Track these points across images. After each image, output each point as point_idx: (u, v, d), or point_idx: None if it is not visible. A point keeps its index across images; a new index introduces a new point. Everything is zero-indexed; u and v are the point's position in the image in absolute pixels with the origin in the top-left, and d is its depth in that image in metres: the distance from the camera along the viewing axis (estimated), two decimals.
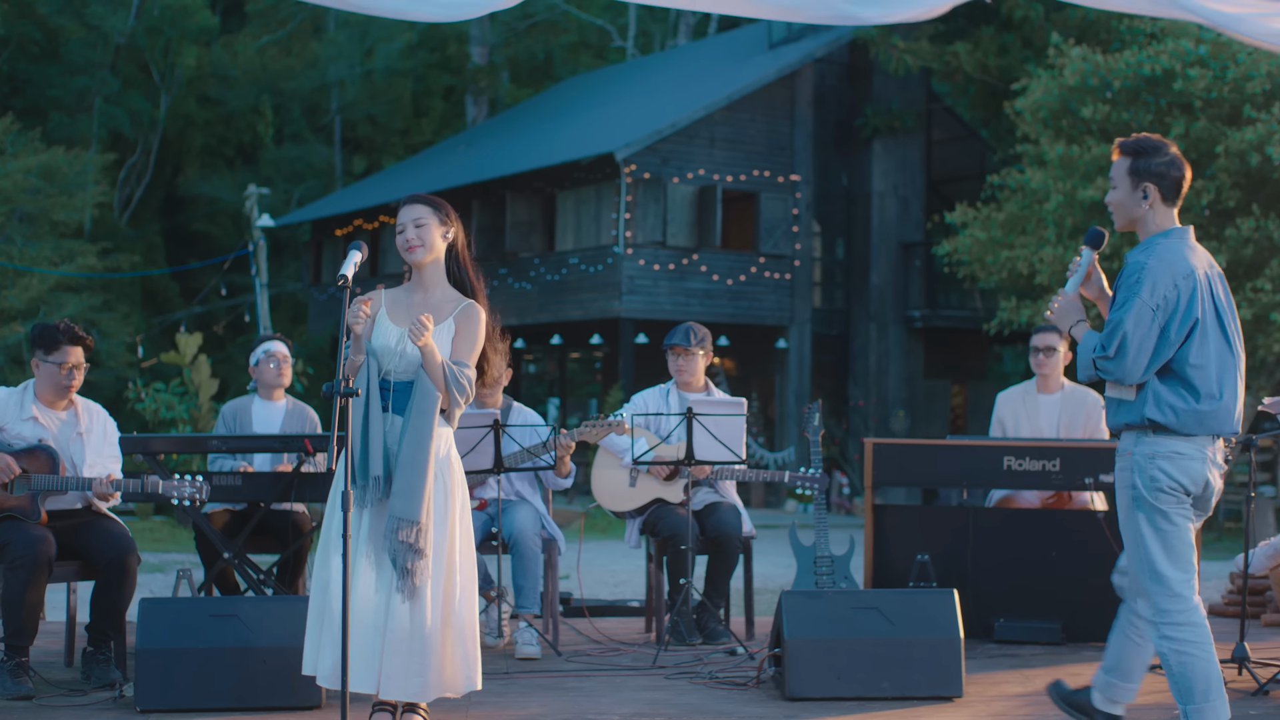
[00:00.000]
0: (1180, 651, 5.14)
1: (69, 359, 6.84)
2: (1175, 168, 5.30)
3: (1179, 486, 5.15)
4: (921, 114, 29.04)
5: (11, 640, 6.51)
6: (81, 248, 32.26)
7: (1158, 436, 5.16)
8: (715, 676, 6.98)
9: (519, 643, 7.50)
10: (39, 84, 40.77)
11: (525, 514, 7.77)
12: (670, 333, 8.33)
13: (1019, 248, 20.39)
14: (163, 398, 21.36)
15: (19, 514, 6.68)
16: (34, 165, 31.88)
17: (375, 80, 45.15)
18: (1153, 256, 5.16)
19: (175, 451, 8.10)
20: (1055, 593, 8.13)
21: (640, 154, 26.30)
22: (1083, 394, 8.71)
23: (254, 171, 44.18)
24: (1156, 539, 5.18)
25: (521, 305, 28.84)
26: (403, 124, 46.52)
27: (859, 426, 28.12)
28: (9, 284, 29.92)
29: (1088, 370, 5.19)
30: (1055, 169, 19.72)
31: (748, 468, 8.06)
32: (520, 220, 28.77)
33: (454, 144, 37.65)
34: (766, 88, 27.80)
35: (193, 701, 6.14)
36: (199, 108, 44.33)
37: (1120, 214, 5.32)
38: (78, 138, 39.06)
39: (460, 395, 5.55)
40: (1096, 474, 7.97)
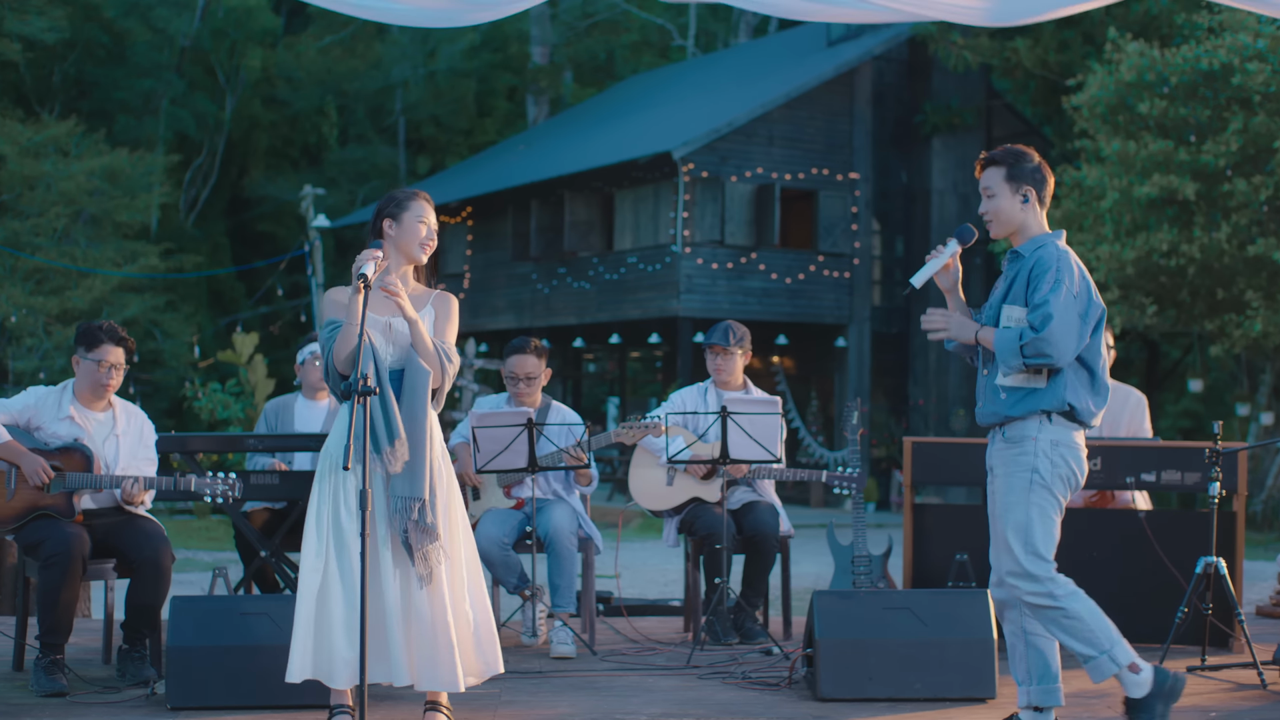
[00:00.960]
0: (1069, 615, 5.37)
1: (108, 357, 6.89)
2: (1045, 172, 5.48)
3: (1073, 476, 5.38)
4: (981, 111, 28.86)
5: (46, 638, 6.55)
6: (144, 248, 32.55)
7: (1060, 426, 5.34)
8: (748, 676, 6.95)
9: (554, 642, 7.49)
10: (105, 87, 41.17)
11: (561, 513, 7.76)
12: (709, 331, 8.30)
13: (1075, 244, 20.19)
14: (219, 397, 21.52)
15: (54, 512, 6.73)
16: (97, 167, 32.21)
17: (438, 81, 45.33)
18: (1058, 250, 5.33)
19: (212, 450, 8.13)
20: (1096, 593, 7.98)
21: (698, 153, 26.27)
22: (1125, 392, 8.59)
23: (318, 172, 44.47)
24: (1042, 524, 5.36)
25: (581, 305, 28.89)
26: (466, 124, 46.70)
27: (919, 425, 27.98)
28: (72, 285, 30.22)
29: (1014, 361, 5.24)
30: (1112, 165, 19.52)
31: (786, 466, 8.03)
32: (579, 220, 28.80)
33: (514, 144, 37.75)
34: (825, 85, 27.71)
35: (223, 699, 6.15)
36: (264, 109, 44.65)
37: (1001, 220, 5.43)
38: (144, 140, 39.41)
39: (449, 367, 5.57)
40: (1138, 473, 7.87)
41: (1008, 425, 5.38)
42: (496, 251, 31.61)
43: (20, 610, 7.05)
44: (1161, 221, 19.50)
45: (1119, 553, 8.00)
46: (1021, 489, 5.32)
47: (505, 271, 31.29)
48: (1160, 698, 5.38)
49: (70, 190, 31.76)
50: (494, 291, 31.68)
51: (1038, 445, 5.31)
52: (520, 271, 30.77)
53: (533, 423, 7.49)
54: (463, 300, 32.30)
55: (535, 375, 7.95)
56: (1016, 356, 5.22)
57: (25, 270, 30.67)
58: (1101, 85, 19.74)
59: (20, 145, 31.70)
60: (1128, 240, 19.08)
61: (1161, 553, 7.73)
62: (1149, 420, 8.55)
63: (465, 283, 32.44)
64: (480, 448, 7.52)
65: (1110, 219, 19.66)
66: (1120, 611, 7.92)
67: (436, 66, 45.36)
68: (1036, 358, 5.20)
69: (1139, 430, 8.49)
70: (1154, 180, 18.42)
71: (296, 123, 46.02)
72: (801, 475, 8.10)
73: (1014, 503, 5.34)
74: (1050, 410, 5.30)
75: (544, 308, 30.10)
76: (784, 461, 8.05)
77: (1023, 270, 5.35)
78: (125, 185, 33.41)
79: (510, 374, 7.98)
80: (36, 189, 32.03)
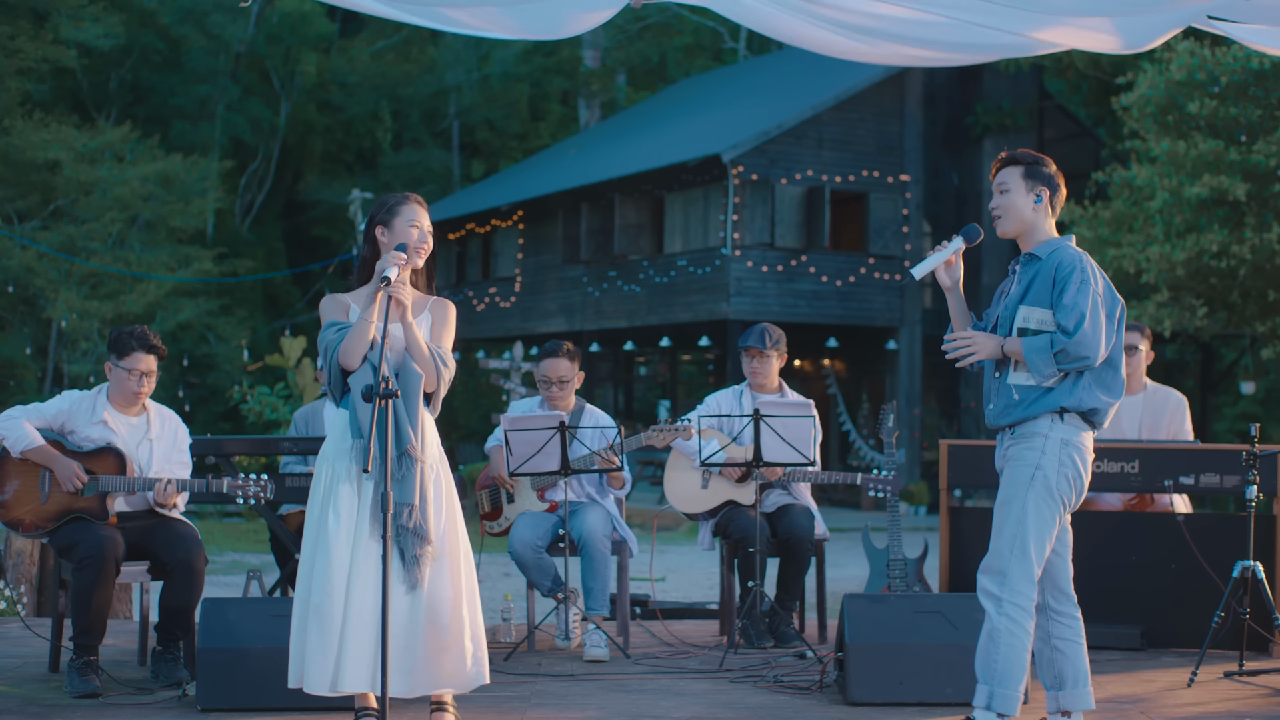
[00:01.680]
0: (1013, 634, 5.25)
1: (139, 365, 6.92)
2: (1059, 181, 5.50)
3: (1080, 478, 5.31)
4: (1033, 111, 28.70)
5: (80, 639, 6.59)
6: (198, 253, 32.80)
7: (1071, 425, 5.28)
8: (779, 680, 6.91)
9: (587, 645, 7.48)
10: (161, 93, 41.53)
11: (595, 516, 7.75)
12: (744, 335, 8.29)
13: (1125, 246, 20.05)
14: (267, 400, 21.64)
15: (87, 515, 6.78)
16: (152, 173, 32.48)
17: (492, 85, 45.49)
18: (1077, 252, 5.31)
19: (246, 453, 8.17)
20: (1134, 597, 7.97)
21: (747, 155, 26.23)
22: (1165, 394, 8.51)
23: (373, 176, 44.71)
24: (1037, 522, 5.27)
25: (631, 308, 28.90)
26: (520, 128, 46.85)
27: (970, 428, 27.83)
28: (126, 289, 30.48)
29: (1049, 369, 5.20)
30: (1162, 165, 19.36)
31: (821, 469, 8.01)
32: (629, 223, 28.80)
33: (565, 147, 37.82)
34: (875, 87, 27.62)
35: (252, 701, 6.17)
36: (319, 114, 44.92)
37: (1010, 217, 5.42)
38: (199, 145, 39.73)
39: (444, 371, 5.55)
40: (1176, 476, 7.79)
41: (1019, 426, 5.33)
42: (547, 255, 31.66)
43: (55, 612, 7.11)
44: (1212, 222, 19.31)
45: (1157, 556, 7.93)
46: (1023, 483, 5.26)
47: (556, 275, 31.33)
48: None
49: (125, 196, 32.06)
50: (545, 295, 31.74)
51: (1047, 443, 5.25)
52: (571, 275, 30.81)
53: (565, 426, 7.49)
54: (514, 304, 32.39)
55: (568, 379, 7.95)
56: (1051, 364, 5.19)
57: (80, 275, 30.98)
58: (1151, 85, 19.58)
59: (76, 151, 32.01)
60: (1178, 241, 18.90)
61: (1200, 556, 7.64)
62: (1189, 422, 8.47)
63: (516, 286, 32.51)
64: (513, 451, 7.52)
65: (1160, 220, 19.48)
66: (1158, 616, 7.89)
67: (490, 70, 45.51)
68: (1073, 362, 5.18)
69: (1179, 433, 8.41)
70: (1204, 180, 18.24)
71: (351, 127, 46.28)
72: (836, 478, 8.06)
73: (1012, 497, 5.28)
74: (1066, 409, 5.25)
75: (594, 311, 30.12)
76: (819, 464, 8.04)
77: (1042, 272, 5.31)
78: (179, 190, 33.70)
79: (543, 378, 7.99)
80: (92, 194, 32.35)
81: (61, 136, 32.05)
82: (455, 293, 34.60)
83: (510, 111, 46.53)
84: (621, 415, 33.44)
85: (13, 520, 6.86)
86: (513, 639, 7.95)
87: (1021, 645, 5.23)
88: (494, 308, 33.09)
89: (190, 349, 32.69)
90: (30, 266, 30.40)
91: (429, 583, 5.43)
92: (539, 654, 7.71)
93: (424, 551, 5.39)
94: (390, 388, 5.08)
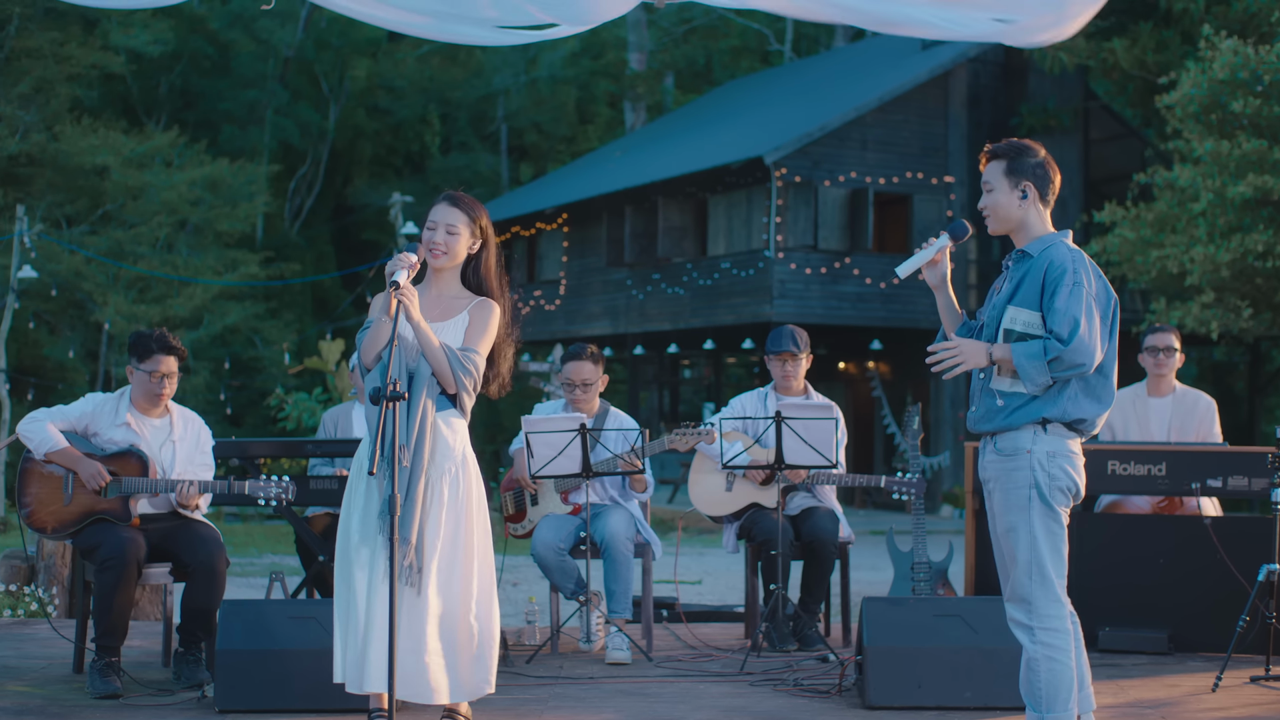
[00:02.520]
0: (1053, 659, 5.08)
1: (160, 367, 6.96)
2: (1048, 169, 5.23)
3: (1074, 488, 5.12)
4: (1079, 112, 28.52)
5: (102, 640, 6.63)
6: (245, 257, 33.01)
7: (1055, 435, 5.09)
8: (799, 684, 6.89)
9: (609, 648, 7.48)
10: (210, 98, 41.84)
11: (618, 519, 7.75)
12: (774, 339, 8.21)
13: (1169, 247, 19.86)
14: (305, 404, 21.73)
15: (110, 516, 6.82)
16: (199, 177, 32.72)
17: (539, 88, 45.61)
18: (1071, 250, 5.10)
19: (271, 455, 8.20)
20: (1162, 601, 7.90)
21: (790, 157, 26.17)
22: (1194, 397, 8.43)
23: (422, 180, 44.90)
24: (1047, 540, 5.09)
25: (675, 310, 28.88)
26: (568, 131, 46.96)
27: None
28: (174, 293, 30.70)
29: (1043, 377, 4.98)
30: (1206, 165, 19.18)
31: (844, 472, 7.98)
32: (673, 225, 28.79)
33: (610, 150, 37.85)
34: (919, 88, 27.52)
35: (270, 702, 6.19)
36: (368, 118, 45.13)
37: (999, 216, 5.21)
38: (248, 149, 40.01)
39: (465, 377, 5.48)
40: (1204, 479, 7.72)
41: (1000, 435, 5.14)
42: (592, 258, 31.68)
43: (80, 614, 7.15)
44: (1256, 223, 19.11)
45: (1185, 560, 7.85)
46: (1021, 507, 5.07)
47: (600, 277, 31.35)
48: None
49: (172, 200, 32.32)
50: (589, 298, 31.76)
51: (1033, 458, 5.05)
52: (615, 277, 30.82)
53: (585, 428, 7.49)
54: (559, 306, 32.41)
55: (591, 382, 7.95)
56: (1045, 372, 4.97)
57: (128, 279, 31.22)
58: (1194, 84, 19.38)
59: (124, 156, 32.28)
60: (1222, 242, 18.72)
61: (1228, 559, 7.57)
62: (1219, 425, 8.39)
63: (561, 289, 32.55)
64: (534, 453, 7.53)
65: (1204, 221, 19.30)
66: (1187, 620, 7.82)
67: (537, 74, 45.62)
68: (1068, 369, 4.96)
69: (1209, 435, 8.34)
70: (1248, 180, 18.06)
71: (399, 131, 46.49)
72: (860, 480, 8.03)
73: (1016, 523, 5.09)
74: (1050, 419, 5.07)
75: (638, 314, 30.12)
76: (844, 467, 8.00)
77: (1033, 271, 5.10)
78: (227, 195, 33.94)
79: (567, 380, 8.00)
80: (140, 199, 32.61)
81: (110, 142, 32.34)
82: None
83: (558, 115, 46.64)
84: (666, 418, 33.42)
85: (37, 522, 6.92)
86: (537, 641, 7.95)
87: (1063, 667, 5.07)
88: (539, 311, 33.14)
89: (239, 352, 32.91)
90: (79, 270, 30.68)
91: (437, 589, 5.42)
92: (562, 656, 7.71)
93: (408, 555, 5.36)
94: (398, 390, 5.07)
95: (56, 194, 32.94)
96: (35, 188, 32.65)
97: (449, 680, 5.45)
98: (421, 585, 5.37)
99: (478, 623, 5.50)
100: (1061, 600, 5.10)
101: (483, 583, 5.56)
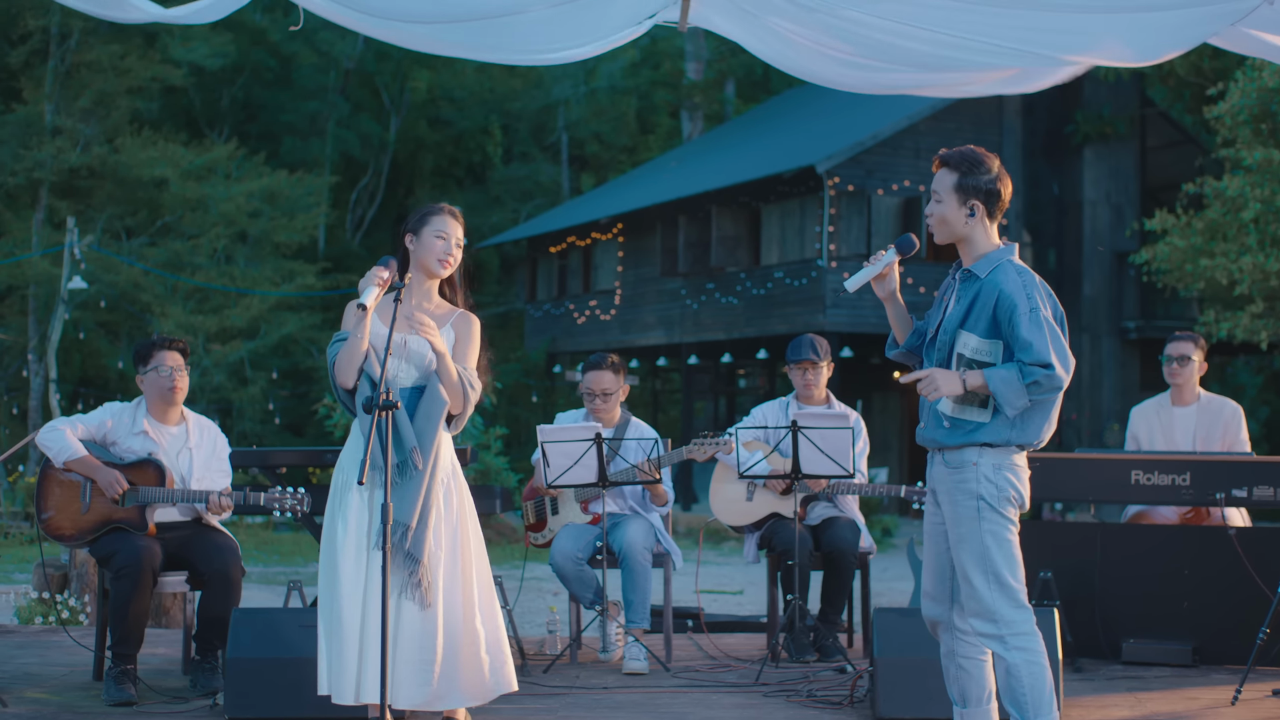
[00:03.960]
0: (1033, 663, 5.07)
1: (166, 361, 7.04)
2: (999, 184, 5.15)
3: (1020, 497, 5.12)
4: (1135, 119, 28.26)
5: (118, 648, 6.68)
6: (301, 268, 33.21)
7: (1001, 450, 5.09)
8: (813, 695, 6.86)
9: (626, 658, 7.47)
10: (272, 109, 42.14)
11: (636, 529, 7.73)
12: (794, 348, 8.19)
13: (1218, 255, 19.63)
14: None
15: (127, 525, 6.87)
16: (258, 189, 32.94)
17: (599, 99, 45.63)
18: (1018, 270, 5.07)
19: (291, 464, 8.23)
20: (1187, 613, 7.81)
21: (842, 166, 26.09)
22: (1220, 404, 8.32)
23: (483, 191, 45.06)
24: (999, 550, 5.08)
25: (729, 320, 28.84)
26: (629, 141, 46.98)
27: (1071, 440, 27.45)
28: (231, 304, 30.93)
29: (1021, 402, 4.97)
30: (1255, 174, 18.96)
31: (864, 481, 7.94)
32: (726, 235, 28.76)
33: (666, 160, 37.86)
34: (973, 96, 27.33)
35: (280, 711, 6.20)
36: (429, 129, 45.31)
37: (944, 229, 5.16)
38: (310, 161, 40.27)
39: (470, 395, 5.55)
40: (1229, 489, 7.61)
41: (947, 451, 5.15)
42: (646, 268, 31.69)
43: (99, 621, 7.20)
44: None
45: (1211, 571, 7.76)
46: (970, 518, 5.07)
47: (655, 287, 31.35)
48: None
49: (230, 211, 32.56)
50: (644, 307, 31.77)
51: (979, 470, 5.06)
52: (669, 287, 30.81)
53: (601, 438, 7.49)
54: (614, 317, 32.43)
55: (611, 391, 7.94)
56: (1023, 396, 4.96)
57: (186, 290, 31.49)
58: (1243, 93, 19.17)
59: (182, 168, 32.57)
60: (1272, 250, 18.50)
61: (1253, 571, 7.47)
62: (1246, 433, 8.29)
63: (617, 299, 32.57)
64: (550, 462, 7.53)
65: (1254, 229, 19.07)
66: (1213, 632, 7.72)
67: (597, 85, 45.67)
68: (1049, 392, 4.98)
69: (1235, 444, 8.23)
70: None
71: (461, 142, 46.64)
72: (880, 490, 7.99)
73: (967, 534, 5.09)
74: (995, 444, 5.08)
75: (693, 323, 30.10)
76: (864, 476, 7.96)
77: (982, 296, 5.07)
78: (284, 206, 34.16)
79: (587, 390, 7.99)
80: (198, 210, 32.89)
81: (169, 154, 32.63)
82: (556, 306, 34.74)
83: (618, 125, 46.67)
84: (722, 427, 33.35)
85: (55, 529, 6.98)
86: (558, 650, 7.95)
87: (1044, 670, 5.08)
88: (595, 321, 33.18)
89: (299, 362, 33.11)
90: (137, 282, 30.97)
91: (440, 596, 5.44)
92: (580, 666, 7.70)
93: (419, 574, 5.39)
94: (390, 399, 5.10)
95: (117, 206, 33.27)
96: (96, 200, 32.99)
97: (454, 687, 5.47)
98: (425, 599, 5.39)
99: (483, 628, 5.54)
100: (1025, 605, 5.11)
101: (482, 587, 5.60)
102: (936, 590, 5.33)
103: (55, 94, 32.55)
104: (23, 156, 31.50)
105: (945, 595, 5.31)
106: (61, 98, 32.61)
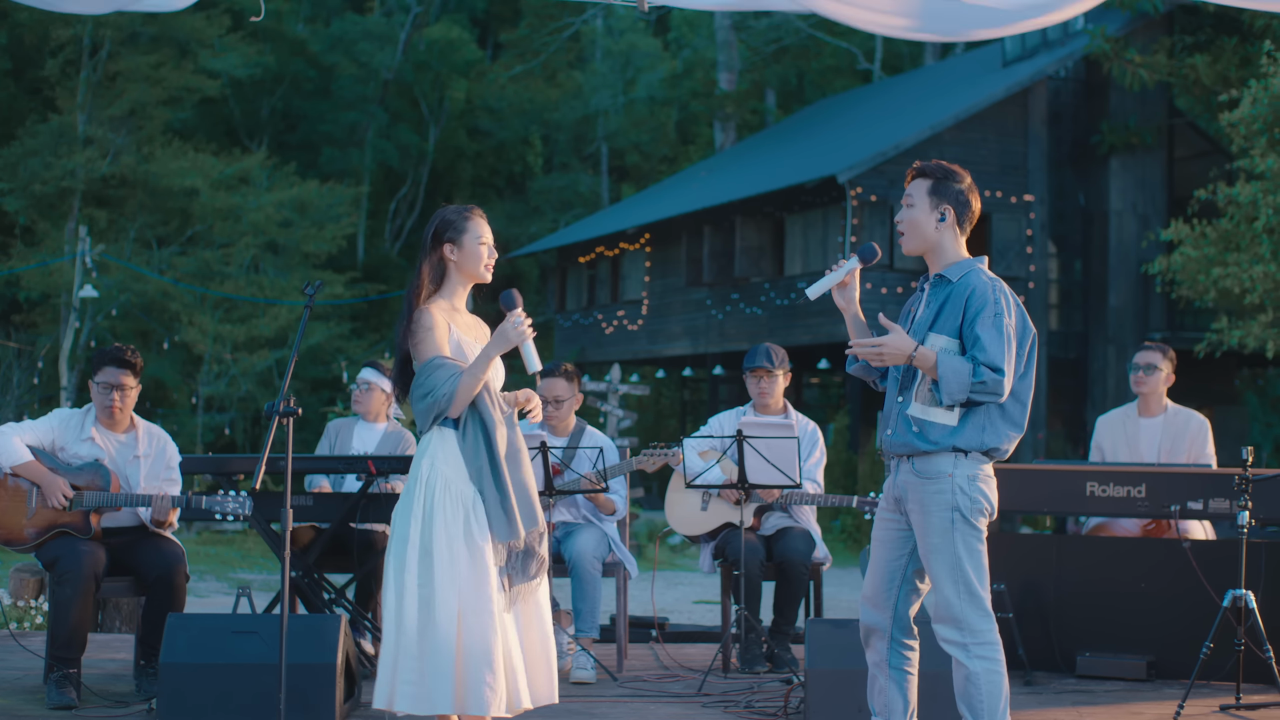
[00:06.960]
0: (993, 671, 5.09)
1: (111, 379, 7.06)
2: (969, 197, 5.26)
3: (990, 508, 5.12)
4: (1162, 130, 28.04)
5: (60, 652, 6.73)
6: (329, 277, 33.35)
7: (974, 460, 5.10)
8: (750, 705, 6.84)
9: (574, 667, 7.47)
10: (311, 120, 42.40)
11: (586, 538, 7.72)
12: (750, 355, 8.18)
13: (1231, 265, 19.43)
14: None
15: (71, 530, 6.92)
16: (288, 199, 33.12)
17: (637, 109, 45.71)
18: (989, 279, 5.12)
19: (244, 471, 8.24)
20: (1143, 626, 7.74)
21: (864, 176, 26.01)
22: (1186, 416, 8.24)
23: (523, 201, 45.20)
24: (970, 559, 5.09)
25: (753, 330, 28.79)
26: (668, 150, 47.04)
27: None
28: (259, 313, 31.10)
29: (961, 395, 4.98)
30: (1269, 182, 18.77)
31: (818, 491, 7.92)
32: (750, 245, 28.72)
33: (696, 171, 37.88)
34: (998, 106, 27.22)
35: (212, 716, 6.22)
36: (468, 140, 45.49)
37: (914, 234, 5.25)
38: (349, 171, 40.50)
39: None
40: (1184, 501, 7.52)
41: (917, 458, 5.14)
42: (673, 278, 31.69)
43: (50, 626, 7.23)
44: None
45: (1166, 584, 7.69)
46: (944, 529, 5.07)
47: (680, 297, 31.34)
48: None
49: (260, 221, 32.75)
50: (670, 317, 31.76)
51: (954, 482, 5.06)
52: (695, 297, 30.80)
53: (546, 446, 7.48)
54: (641, 326, 32.44)
55: (564, 398, 7.94)
56: (965, 391, 4.97)
57: (214, 299, 31.69)
58: (1255, 100, 18.98)
59: (212, 178, 32.77)
60: None
61: (1207, 584, 7.38)
62: (1212, 445, 8.20)
63: (644, 309, 32.57)
64: None
65: (1267, 239, 18.88)
66: (1167, 646, 7.65)
67: (635, 95, 45.75)
68: (987, 396, 4.99)
69: (1200, 456, 8.15)
70: None
71: (501, 152, 46.80)
72: (834, 500, 7.95)
73: (940, 544, 5.08)
74: (968, 450, 5.08)
75: (718, 333, 30.08)
76: (818, 486, 7.95)
77: (953, 298, 5.12)
78: (314, 216, 34.32)
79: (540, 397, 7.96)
80: (228, 220, 33.09)
81: (199, 164, 32.83)
82: (585, 315, 34.76)
83: (657, 135, 46.72)
84: None
85: (3, 535, 7.03)
86: None
87: (1000, 677, 5.09)
88: (622, 330, 33.19)
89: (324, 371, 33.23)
90: (166, 291, 31.18)
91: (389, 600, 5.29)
92: None
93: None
94: (292, 405, 5.10)
95: (148, 215, 33.50)
96: (128, 209, 33.23)
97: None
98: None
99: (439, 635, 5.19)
100: (990, 614, 5.13)
101: (443, 597, 5.17)
102: (879, 596, 5.33)
103: (88, 104, 32.81)
104: (54, 165, 31.76)
105: (887, 602, 5.32)
106: (94, 107, 32.86)
